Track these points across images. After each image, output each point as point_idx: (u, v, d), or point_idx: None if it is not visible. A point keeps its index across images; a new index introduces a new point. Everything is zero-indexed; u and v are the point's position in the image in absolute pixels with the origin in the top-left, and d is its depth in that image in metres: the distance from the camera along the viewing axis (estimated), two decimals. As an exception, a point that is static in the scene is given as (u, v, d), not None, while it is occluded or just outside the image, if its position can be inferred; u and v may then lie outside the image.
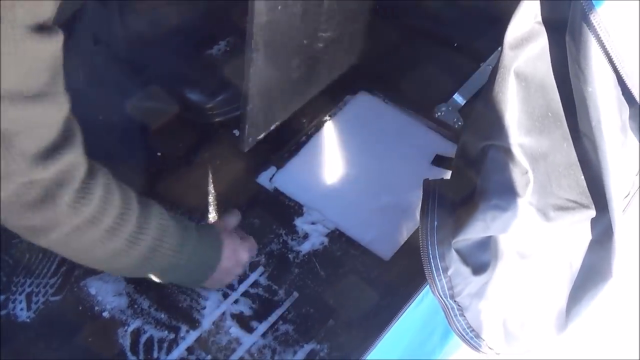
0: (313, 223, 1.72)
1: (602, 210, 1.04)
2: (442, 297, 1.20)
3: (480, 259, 1.15)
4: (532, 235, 1.11)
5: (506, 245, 1.13)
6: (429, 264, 1.16)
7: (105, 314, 1.63)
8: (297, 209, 1.75)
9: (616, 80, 0.90)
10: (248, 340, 1.58)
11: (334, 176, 1.78)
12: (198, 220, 1.74)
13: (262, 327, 1.59)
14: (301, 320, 1.59)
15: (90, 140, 1.49)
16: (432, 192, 1.20)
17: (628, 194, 1.06)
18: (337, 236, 1.69)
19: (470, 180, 1.14)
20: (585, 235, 1.10)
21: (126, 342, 1.59)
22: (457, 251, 1.13)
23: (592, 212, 1.06)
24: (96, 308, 1.64)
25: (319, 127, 1.86)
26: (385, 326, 1.42)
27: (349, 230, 1.70)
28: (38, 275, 1.69)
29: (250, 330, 1.59)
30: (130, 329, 1.61)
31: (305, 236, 1.70)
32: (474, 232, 1.10)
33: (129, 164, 1.66)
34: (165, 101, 1.84)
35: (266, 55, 1.48)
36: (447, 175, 1.69)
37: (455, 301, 1.20)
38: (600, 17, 0.88)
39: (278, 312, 1.60)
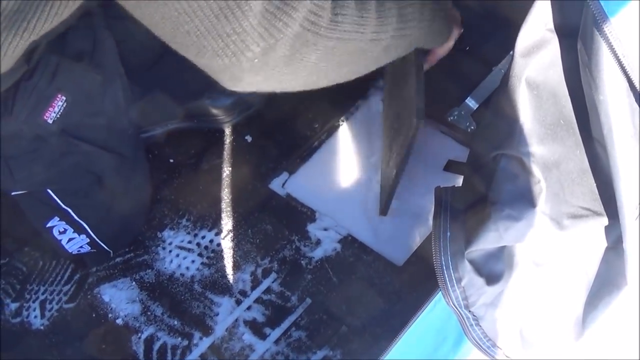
0: (325, 229, 1.72)
1: (616, 217, 1.03)
2: (457, 307, 1.20)
3: (494, 269, 1.14)
4: (546, 244, 1.10)
5: (520, 254, 1.12)
6: (442, 274, 1.16)
7: (119, 321, 1.64)
8: (309, 214, 1.74)
9: (628, 88, 0.89)
10: (261, 347, 1.58)
11: (346, 181, 1.78)
12: (210, 229, 1.75)
13: (275, 333, 1.59)
14: (314, 327, 1.59)
15: (91, 149, 1.51)
16: (444, 202, 1.20)
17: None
18: (349, 242, 1.69)
19: (480, 189, 1.14)
20: (600, 243, 1.09)
21: (140, 349, 1.60)
22: (471, 262, 1.13)
23: (606, 220, 1.05)
24: (110, 315, 1.65)
25: (331, 132, 1.86)
26: (398, 332, 1.41)
27: (361, 236, 1.70)
28: (52, 282, 1.71)
29: (263, 336, 1.59)
30: (143, 336, 1.62)
31: (318, 242, 1.70)
32: (487, 243, 1.10)
33: (142, 171, 1.67)
34: (171, 108, 1.85)
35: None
36: (460, 180, 1.69)
37: (470, 311, 1.19)
38: (612, 23, 0.87)
39: (291, 319, 1.60)
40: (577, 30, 0.94)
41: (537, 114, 1.01)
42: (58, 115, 1.39)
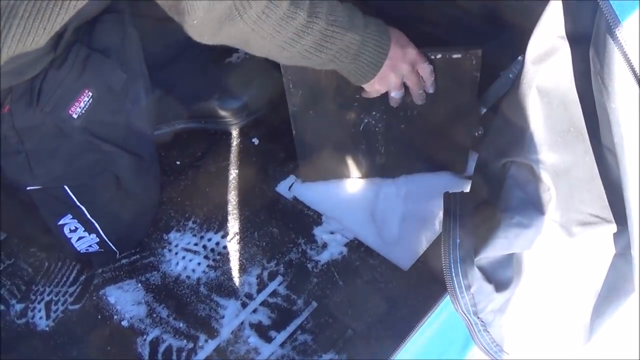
0: (332, 232, 1.71)
1: (625, 224, 1.03)
2: (466, 313, 1.19)
3: (503, 276, 1.14)
4: (555, 251, 1.10)
5: (529, 261, 1.12)
6: (451, 281, 1.15)
7: (124, 323, 1.64)
8: (316, 218, 1.74)
9: (640, 96, 0.89)
10: (267, 350, 1.58)
11: (353, 185, 1.77)
12: (216, 231, 1.75)
13: (281, 336, 1.59)
14: (320, 330, 1.59)
15: (112, 148, 1.51)
16: (453, 208, 1.20)
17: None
18: (356, 246, 1.69)
19: (488, 195, 1.13)
20: (609, 250, 1.09)
21: (145, 351, 1.60)
22: (480, 268, 1.13)
23: (615, 227, 1.05)
24: (115, 317, 1.65)
25: (338, 135, 1.86)
26: (404, 337, 1.40)
27: (367, 240, 1.69)
28: (57, 283, 1.71)
29: (268, 340, 1.59)
30: (149, 338, 1.61)
31: (324, 246, 1.70)
32: (496, 250, 1.10)
33: (154, 172, 1.67)
34: (179, 107, 1.86)
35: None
36: (468, 186, 1.68)
37: (478, 317, 1.19)
38: (627, 31, 0.86)
39: (297, 322, 1.60)
40: (589, 37, 0.94)
41: (547, 121, 1.01)
42: (83, 111, 1.39)
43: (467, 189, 1.32)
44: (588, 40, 0.94)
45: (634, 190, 0.95)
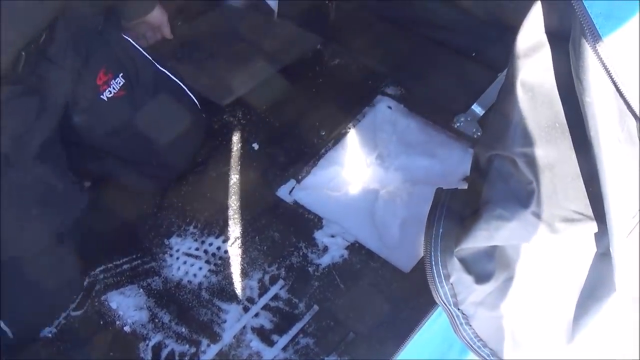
0: (333, 236, 1.72)
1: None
2: (446, 304, 1.20)
3: (485, 268, 1.14)
4: (538, 246, 1.10)
5: (511, 255, 1.12)
6: (431, 270, 1.16)
7: (127, 329, 1.64)
8: (316, 221, 1.75)
9: (616, 92, 0.89)
10: (269, 354, 1.58)
11: (353, 188, 1.78)
12: (217, 236, 1.75)
13: (283, 340, 1.59)
14: (321, 334, 1.59)
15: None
16: (441, 201, 1.20)
17: (636, 215, 1.03)
18: (356, 249, 1.69)
19: (480, 191, 1.13)
20: (591, 247, 1.08)
21: (147, 356, 1.61)
22: (461, 260, 1.13)
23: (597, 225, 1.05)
24: (117, 323, 1.65)
25: (338, 139, 1.86)
26: (405, 339, 1.41)
27: (368, 243, 1.70)
28: (59, 290, 1.71)
29: (270, 343, 1.59)
30: (151, 344, 1.62)
31: (325, 249, 1.70)
32: (477, 241, 1.10)
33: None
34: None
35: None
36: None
37: (459, 309, 1.19)
38: (598, 30, 0.87)
39: (298, 326, 1.60)
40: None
41: (531, 116, 1.01)
42: None
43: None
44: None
45: (612, 186, 0.95)
